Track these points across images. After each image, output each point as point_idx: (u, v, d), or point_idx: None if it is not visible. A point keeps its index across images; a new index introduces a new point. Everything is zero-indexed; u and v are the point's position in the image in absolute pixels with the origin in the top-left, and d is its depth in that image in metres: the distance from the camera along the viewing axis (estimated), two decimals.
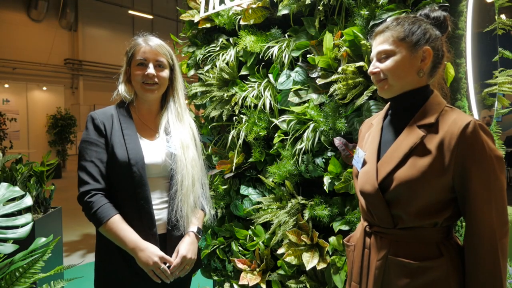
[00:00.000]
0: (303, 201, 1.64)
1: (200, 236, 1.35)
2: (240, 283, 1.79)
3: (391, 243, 1.00)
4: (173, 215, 1.29)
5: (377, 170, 1.02)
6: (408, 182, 0.94)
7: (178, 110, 1.40)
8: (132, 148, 1.26)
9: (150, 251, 1.21)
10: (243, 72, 1.92)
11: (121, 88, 1.35)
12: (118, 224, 1.21)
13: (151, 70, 1.30)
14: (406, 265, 0.96)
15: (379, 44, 1.03)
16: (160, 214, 1.30)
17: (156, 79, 1.31)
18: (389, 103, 1.13)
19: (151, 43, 1.33)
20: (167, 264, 1.24)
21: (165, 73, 1.35)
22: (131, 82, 1.35)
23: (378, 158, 1.05)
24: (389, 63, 1.00)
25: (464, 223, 1.14)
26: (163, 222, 1.30)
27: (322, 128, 1.54)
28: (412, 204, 0.95)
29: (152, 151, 1.31)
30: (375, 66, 1.04)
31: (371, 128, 1.14)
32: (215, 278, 2.07)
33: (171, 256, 1.27)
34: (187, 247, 1.29)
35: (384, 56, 1.01)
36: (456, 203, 0.96)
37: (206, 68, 2.08)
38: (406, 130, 1.00)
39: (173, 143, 1.34)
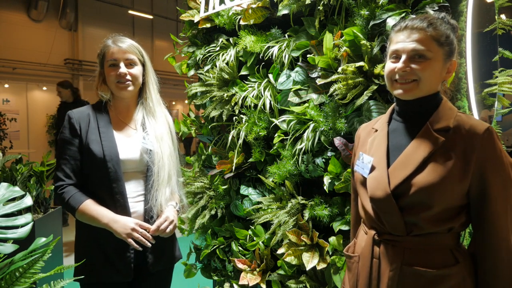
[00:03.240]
0: (303, 201, 1.64)
1: (178, 210, 1.46)
2: (240, 283, 1.79)
3: (404, 252, 0.96)
4: (148, 204, 1.37)
5: (389, 175, 0.98)
6: (428, 188, 0.92)
7: (151, 105, 1.47)
8: (107, 145, 1.33)
9: (125, 220, 1.29)
10: (243, 72, 1.92)
11: (98, 91, 1.43)
12: (91, 205, 1.31)
13: (122, 69, 1.37)
14: (423, 274, 0.93)
15: (414, 41, 0.94)
16: (135, 206, 1.37)
17: (128, 77, 1.38)
18: (391, 107, 1.09)
19: (119, 44, 1.40)
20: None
21: (136, 69, 1.41)
22: (106, 83, 1.43)
23: (388, 163, 1.01)
24: (426, 66, 0.94)
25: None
26: (138, 215, 1.37)
27: (322, 128, 1.54)
28: (430, 210, 0.92)
29: (127, 147, 1.38)
30: (407, 64, 0.95)
31: (373, 133, 1.10)
32: (215, 278, 2.07)
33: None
34: (170, 212, 1.39)
35: (419, 56, 0.94)
36: (468, 209, 0.95)
37: (206, 68, 2.08)
38: (421, 135, 0.97)
39: (149, 139, 1.41)
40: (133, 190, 1.37)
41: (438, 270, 0.92)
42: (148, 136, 1.41)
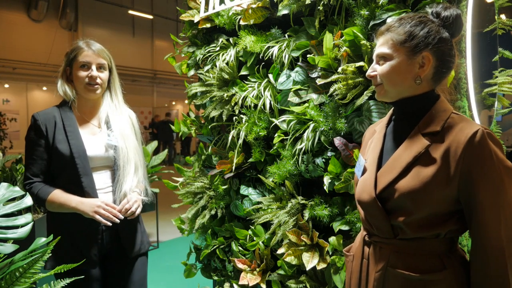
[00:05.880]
0: (303, 201, 1.64)
1: (141, 195, 1.54)
2: (240, 283, 1.79)
3: (390, 254, 0.95)
4: (115, 194, 1.46)
5: (376, 179, 0.98)
6: (410, 193, 0.89)
7: (117, 105, 1.57)
8: (74, 143, 1.41)
9: (92, 200, 1.38)
10: (243, 72, 1.92)
11: (63, 88, 1.48)
12: (58, 194, 1.40)
13: (94, 72, 1.46)
14: (407, 277, 0.91)
15: (379, 46, 0.98)
16: (105, 196, 1.46)
17: (98, 80, 1.47)
18: (393, 108, 1.08)
19: (93, 48, 1.48)
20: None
21: (105, 74, 1.51)
22: (71, 82, 1.49)
23: (379, 167, 1.00)
24: (384, 68, 0.95)
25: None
26: None
27: (322, 128, 1.54)
28: (413, 215, 0.90)
29: (94, 145, 1.46)
30: (373, 69, 0.99)
31: (374, 134, 1.10)
32: (215, 278, 2.07)
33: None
34: (133, 195, 1.47)
35: (382, 59, 0.96)
36: (461, 215, 0.91)
37: (206, 68, 2.08)
38: (409, 138, 0.95)
39: (114, 136, 1.49)
40: (102, 182, 1.47)
41: (422, 275, 0.90)
42: (113, 133, 1.51)
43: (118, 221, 1.39)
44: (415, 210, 0.90)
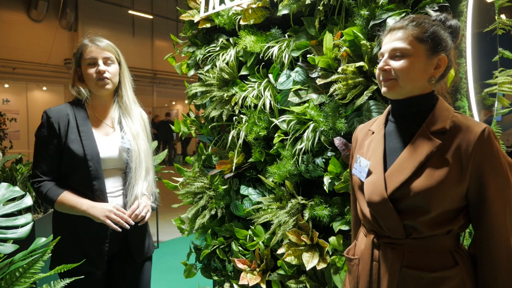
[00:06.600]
0: (303, 201, 1.64)
1: (150, 198, 1.53)
2: (240, 283, 1.79)
3: (404, 254, 0.96)
4: (127, 198, 1.44)
5: (385, 180, 0.98)
6: (426, 192, 0.91)
7: (127, 102, 1.52)
8: (88, 144, 1.37)
9: (103, 205, 1.35)
10: (243, 72, 1.92)
11: (76, 89, 1.44)
12: (69, 195, 1.36)
13: (101, 66, 1.41)
14: (423, 276, 0.92)
15: (395, 40, 0.97)
16: (115, 201, 1.42)
17: (107, 74, 1.42)
18: (387, 109, 1.09)
19: (97, 43, 1.44)
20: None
21: (114, 67, 1.46)
22: (83, 81, 1.46)
23: (385, 167, 1.01)
24: (403, 63, 0.95)
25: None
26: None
27: (322, 128, 1.54)
28: (429, 214, 0.91)
29: (107, 146, 1.42)
30: (386, 63, 0.98)
31: (370, 135, 1.10)
32: (215, 278, 2.07)
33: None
34: (142, 200, 1.45)
35: (398, 54, 0.96)
36: (467, 211, 0.94)
37: (206, 68, 2.08)
38: (417, 138, 0.96)
39: (127, 138, 1.46)
40: (112, 185, 1.43)
41: (437, 273, 0.92)
42: (125, 135, 1.47)
43: (129, 227, 1.36)
44: (430, 209, 0.91)
